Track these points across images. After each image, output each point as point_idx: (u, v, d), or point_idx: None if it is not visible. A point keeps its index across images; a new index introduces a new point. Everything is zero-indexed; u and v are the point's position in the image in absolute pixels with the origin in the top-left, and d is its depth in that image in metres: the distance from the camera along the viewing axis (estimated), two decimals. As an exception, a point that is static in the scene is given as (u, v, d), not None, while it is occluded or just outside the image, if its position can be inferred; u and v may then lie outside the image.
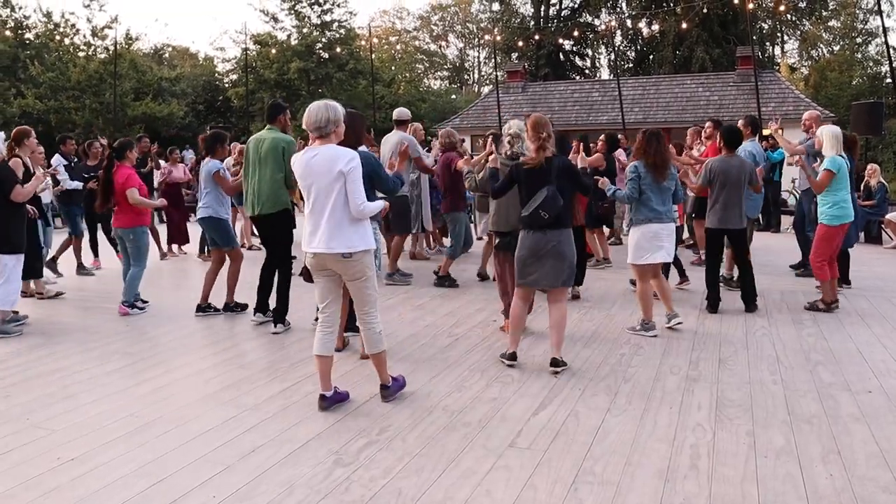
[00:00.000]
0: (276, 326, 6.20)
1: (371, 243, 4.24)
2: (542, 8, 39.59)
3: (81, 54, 29.50)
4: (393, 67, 41.12)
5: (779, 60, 40.66)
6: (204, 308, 6.86)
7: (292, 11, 33.15)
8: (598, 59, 44.13)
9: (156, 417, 4.16)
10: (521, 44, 34.32)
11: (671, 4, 33.06)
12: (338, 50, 30.97)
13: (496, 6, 42.29)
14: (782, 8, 29.28)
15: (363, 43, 33.49)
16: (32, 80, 27.11)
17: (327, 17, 33.40)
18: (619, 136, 10.71)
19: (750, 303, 6.72)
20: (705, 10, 31.77)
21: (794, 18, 37.67)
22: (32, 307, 7.15)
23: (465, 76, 56.23)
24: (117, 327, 6.41)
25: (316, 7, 33.17)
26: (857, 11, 39.07)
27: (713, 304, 6.70)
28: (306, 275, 5.16)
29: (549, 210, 4.76)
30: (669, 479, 3.33)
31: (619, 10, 38.98)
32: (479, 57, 54.90)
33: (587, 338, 5.87)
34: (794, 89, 25.63)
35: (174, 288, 8.58)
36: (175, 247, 10.94)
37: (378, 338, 4.31)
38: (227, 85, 35.39)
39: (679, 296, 7.24)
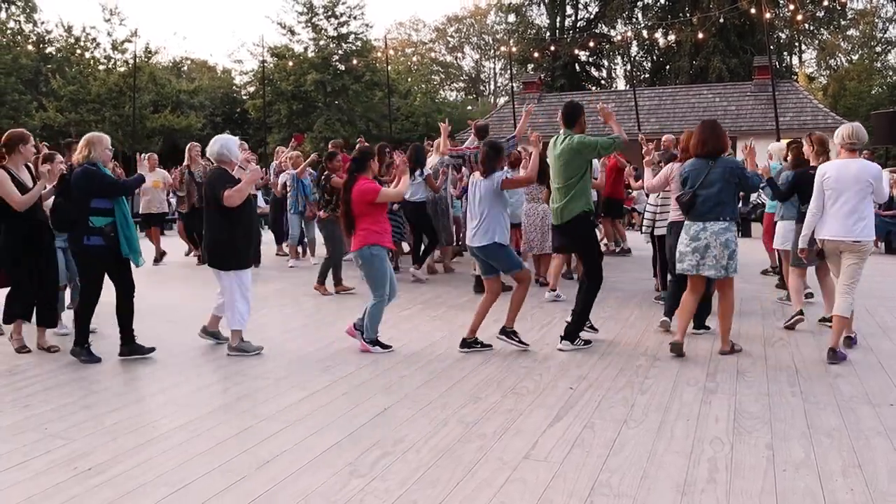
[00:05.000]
0: (561, 342, 5.81)
1: (873, 235, 5.48)
2: (558, 19, 39.62)
3: (102, 68, 30.00)
4: (409, 79, 41.35)
5: (797, 70, 40.42)
6: (470, 343, 5.80)
7: (309, 24, 33.48)
8: (615, 69, 44.16)
9: (174, 427, 4.19)
10: (536, 55, 34.33)
11: (687, 14, 33.00)
12: (354, 62, 31.22)
13: (512, 17, 42.33)
14: (800, 17, 29.09)
15: (379, 55, 33.67)
16: (54, 93, 27.61)
17: (344, 30, 33.72)
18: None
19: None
20: (722, 20, 31.68)
21: (812, 28, 37.44)
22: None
23: (481, 87, 56.39)
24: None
25: (333, 20, 33.49)
26: (877, 20, 38.82)
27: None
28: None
29: None
30: (687, 492, 3.30)
31: (634, 20, 38.96)
32: (494, 68, 55.05)
33: (604, 348, 5.85)
34: (812, 99, 25.44)
35: (191, 298, 8.62)
36: None
37: (849, 307, 5.41)
38: (244, 97, 35.77)
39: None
